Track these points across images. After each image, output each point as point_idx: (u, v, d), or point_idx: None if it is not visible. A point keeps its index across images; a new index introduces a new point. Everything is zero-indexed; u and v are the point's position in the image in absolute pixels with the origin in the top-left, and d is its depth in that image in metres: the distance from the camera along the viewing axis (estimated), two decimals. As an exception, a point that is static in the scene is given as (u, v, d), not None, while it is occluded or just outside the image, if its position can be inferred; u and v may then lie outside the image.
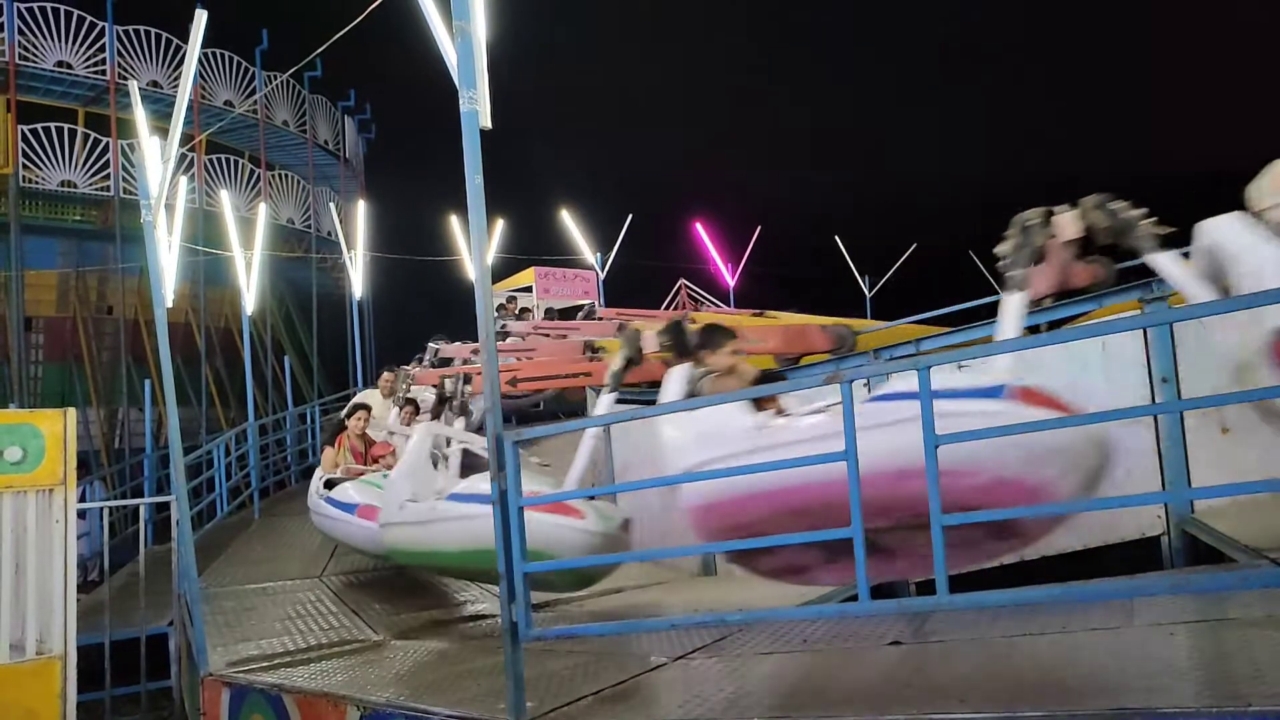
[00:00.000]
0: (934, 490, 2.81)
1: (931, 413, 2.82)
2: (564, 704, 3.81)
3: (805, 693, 3.64)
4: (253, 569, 8.75)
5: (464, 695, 4.24)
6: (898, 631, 4.24)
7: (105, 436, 18.37)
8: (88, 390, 18.20)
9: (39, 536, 5.16)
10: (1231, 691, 2.62)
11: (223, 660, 5.79)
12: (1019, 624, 3.97)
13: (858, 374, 3.16)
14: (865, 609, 3.18)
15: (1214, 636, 3.47)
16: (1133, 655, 3.34)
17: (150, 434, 14.66)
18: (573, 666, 4.61)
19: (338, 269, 20.86)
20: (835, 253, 21.58)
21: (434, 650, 5.80)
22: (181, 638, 7.02)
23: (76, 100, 19.02)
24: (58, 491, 5.25)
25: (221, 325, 20.23)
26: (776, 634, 4.62)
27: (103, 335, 18.91)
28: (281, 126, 22.19)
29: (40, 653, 5.07)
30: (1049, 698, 2.84)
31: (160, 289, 6.00)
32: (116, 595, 7.65)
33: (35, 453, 5.16)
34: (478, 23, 3.86)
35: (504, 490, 3.60)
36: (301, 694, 4.80)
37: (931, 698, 3.19)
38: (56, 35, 18.29)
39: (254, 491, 12.06)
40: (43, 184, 17.94)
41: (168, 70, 19.41)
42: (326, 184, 23.78)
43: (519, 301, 16.12)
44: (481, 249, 3.81)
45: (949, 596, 2.82)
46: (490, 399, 3.73)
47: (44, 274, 18.06)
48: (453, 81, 3.82)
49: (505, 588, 3.56)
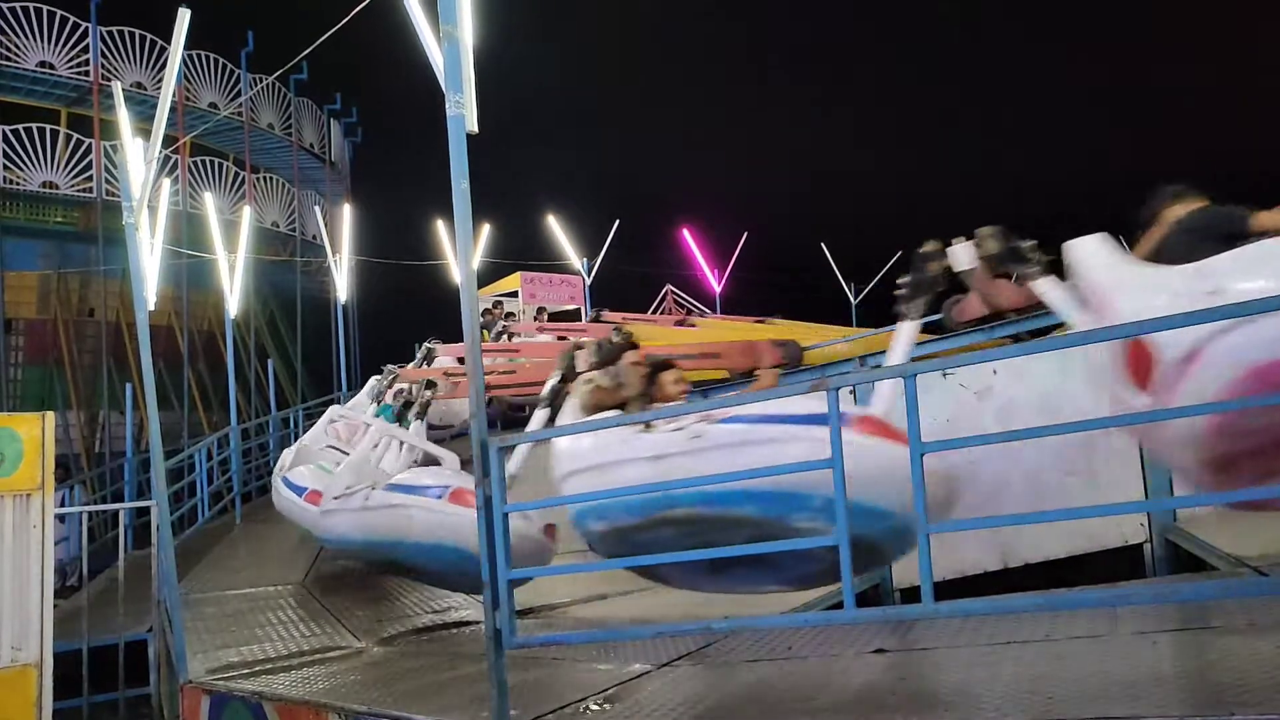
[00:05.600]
0: (920, 498, 2.81)
1: (918, 424, 2.82)
2: (547, 712, 3.79)
3: (790, 700, 3.63)
4: (234, 575, 8.67)
5: (447, 703, 4.22)
6: (882, 639, 4.24)
7: (86, 440, 18.17)
8: (68, 393, 18.01)
9: (16, 542, 5.10)
10: (1214, 699, 2.63)
11: (203, 667, 5.74)
12: (1003, 632, 3.98)
13: (842, 381, 3.18)
14: (850, 617, 3.19)
15: (1197, 644, 3.49)
16: (1116, 663, 3.35)
17: (131, 438, 14.50)
18: (556, 674, 4.59)
19: (322, 273, 20.72)
20: (821, 259, 21.65)
21: (417, 657, 5.77)
22: (161, 644, 6.95)
23: (59, 101, 18.85)
24: (35, 496, 5.18)
25: (205, 329, 20.07)
26: (761, 642, 4.62)
27: (84, 338, 18.72)
28: (266, 129, 22.06)
29: (16, 660, 5.00)
30: (1033, 706, 2.85)
31: (142, 292, 5.95)
32: (95, 601, 7.56)
33: (13, 457, 5.09)
34: (464, 27, 3.85)
35: (488, 496, 3.57)
36: (282, 701, 4.76)
37: (916, 706, 3.19)
38: (39, 35, 18.11)
39: (236, 496, 11.96)
40: (24, 185, 17.75)
41: (152, 72, 19.26)
42: (312, 187, 23.64)
43: (505, 306, 16.07)
44: (467, 253, 3.80)
45: (934, 605, 2.83)
46: (474, 404, 3.70)
47: (25, 275, 17.88)
48: (439, 86, 3.81)
49: (489, 595, 3.53)
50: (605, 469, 3.99)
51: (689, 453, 3.65)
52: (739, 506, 3.47)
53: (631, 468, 3.81)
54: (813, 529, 3.32)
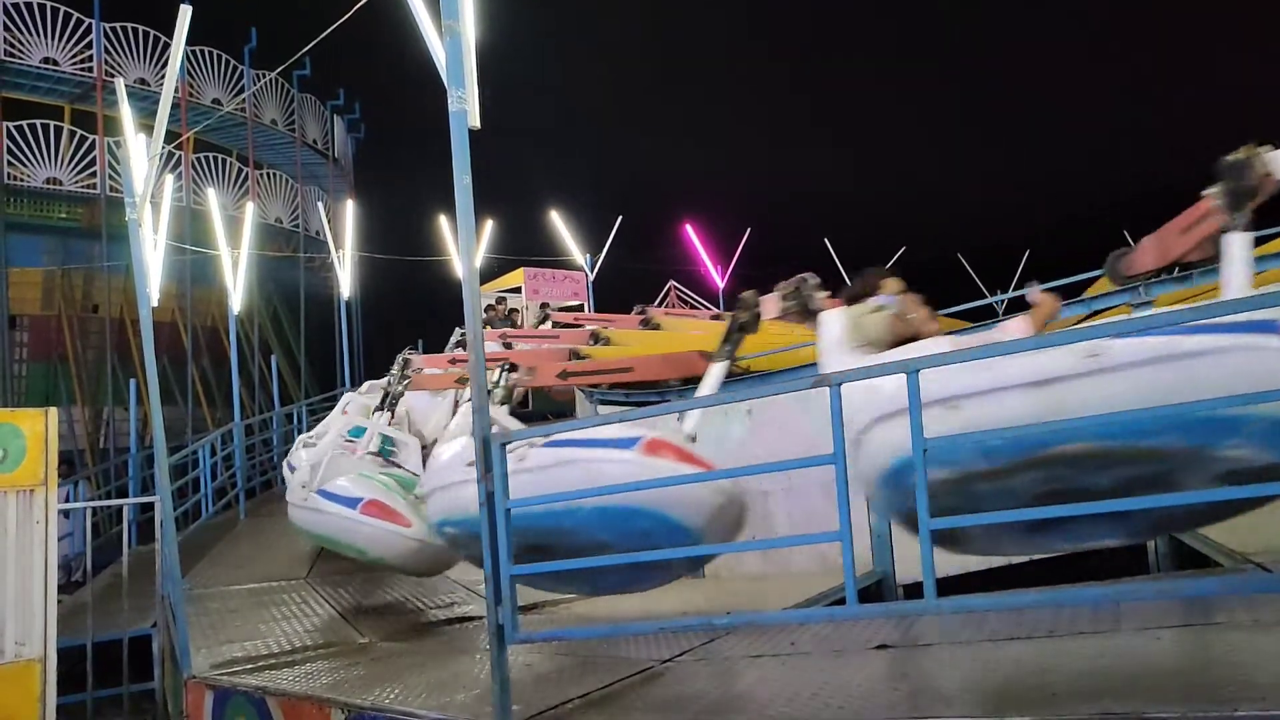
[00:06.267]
0: (922, 494, 2.81)
1: (920, 415, 2.82)
2: (550, 707, 3.79)
3: (792, 696, 3.63)
4: (238, 570, 8.69)
5: (450, 698, 4.22)
6: (885, 635, 4.24)
7: (90, 436, 18.21)
8: (73, 389, 18.04)
9: (19, 538, 5.11)
10: (1217, 696, 2.62)
11: (206, 662, 5.75)
12: (1006, 628, 3.98)
13: (845, 378, 3.16)
14: (853, 613, 3.18)
15: (1200, 641, 3.48)
16: (1119, 660, 3.34)
17: (135, 434, 14.53)
18: (559, 670, 4.60)
19: (326, 269, 20.72)
20: (825, 255, 21.63)
21: (420, 653, 5.77)
22: (165, 639, 6.96)
23: (63, 97, 18.86)
24: (38, 492, 5.19)
25: (208, 324, 20.09)
26: (764, 637, 4.61)
27: (88, 334, 18.75)
28: (270, 125, 22.07)
29: (19, 655, 5.02)
30: (1036, 702, 2.84)
31: (146, 288, 5.96)
32: (99, 596, 7.58)
33: (16, 453, 5.10)
34: (467, 22, 3.84)
35: (491, 492, 3.57)
36: (286, 697, 4.77)
37: (919, 701, 3.19)
38: (43, 31, 18.12)
39: (239, 492, 11.99)
40: (28, 181, 17.78)
41: (155, 68, 19.27)
42: (315, 183, 23.65)
43: (508, 302, 16.07)
44: (469, 249, 3.80)
45: (936, 601, 2.82)
46: (477, 400, 3.70)
47: (29, 272, 17.90)
48: (442, 81, 3.80)
49: (491, 590, 3.54)
50: (958, 402, 3.19)
51: (1087, 375, 3.01)
52: (1154, 437, 2.90)
53: (996, 400, 3.13)
54: (1241, 458, 2.84)
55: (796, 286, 4.27)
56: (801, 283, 4.27)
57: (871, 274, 3.96)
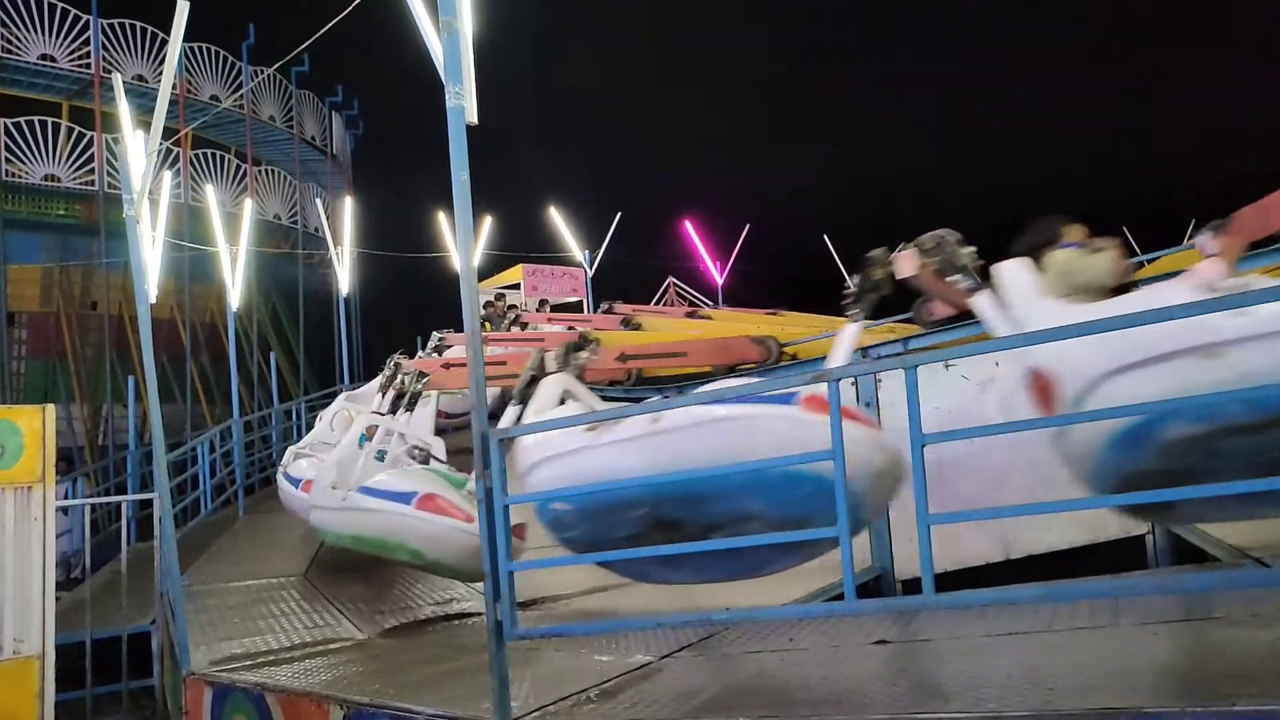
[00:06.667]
0: (921, 489, 2.81)
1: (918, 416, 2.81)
2: (549, 703, 3.79)
3: (791, 692, 3.63)
4: (236, 567, 8.69)
5: (448, 694, 4.22)
6: (884, 631, 4.24)
7: (89, 433, 18.21)
8: (71, 386, 18.03)
9: (17, 535, 5.12)
10: (1216, 690, 2.62)
11: (205, 659, 5.75)
12: (1005, 623, 3.98)
13: (845, 373, 3.16)
14: (851, 608, 3.18)
15: (1198, 636, 3.48)
16: (1118, 654, 3.35)
17: (134, 430, 14.53)
18: (558, 666, 4.60)
19: (324, 265, 20.70)
20: (824, 251, 21.62)
21: (418, 649, 5.78)
22: (164, 636, 6.97)
23: (60, 94, 18.84)
24: (36, 489, 5.20)
25: (207, 321, 20.08)
26: (763, 633, 4.62)
27: (87, 331, 18.74)
28: (268, 122, 22.04)
29: (18, 652, 5.02)
30: (1035, 697, 2.84)
31: (144, 285, 5.95)
32: (98, 593, 7.58)
33: (14, 450, 5.11)
34: (464, 18, 3.84)
35: (489, 489, 3.57)
36: (285, 693, 4.77)
37: (917, 697, 3.19)
38: (40, 28, 18.08)
39: (238, 489, 11.98)
40: (26, 178, 17.74)
41: (153, 64, 19.23)
42: (313, 180, 23.63)
43: (507, 298, 16.07)
44: (467, 245, 3.79)
45: (935, 596, 2.82)
46: (475, 396, 3.70)
47: (27, 269, 17.89)
48: (440, 77, 3.80)
49: (490, 586, 3.54)
50: (1221, 349, 2.80)
51: None
52: None
53: (1267, 346, 2.75)
54: None
55: (938, 241, 3.76)
56: (942, 239, 3.77)
57: (1052, 221, 3.66)
